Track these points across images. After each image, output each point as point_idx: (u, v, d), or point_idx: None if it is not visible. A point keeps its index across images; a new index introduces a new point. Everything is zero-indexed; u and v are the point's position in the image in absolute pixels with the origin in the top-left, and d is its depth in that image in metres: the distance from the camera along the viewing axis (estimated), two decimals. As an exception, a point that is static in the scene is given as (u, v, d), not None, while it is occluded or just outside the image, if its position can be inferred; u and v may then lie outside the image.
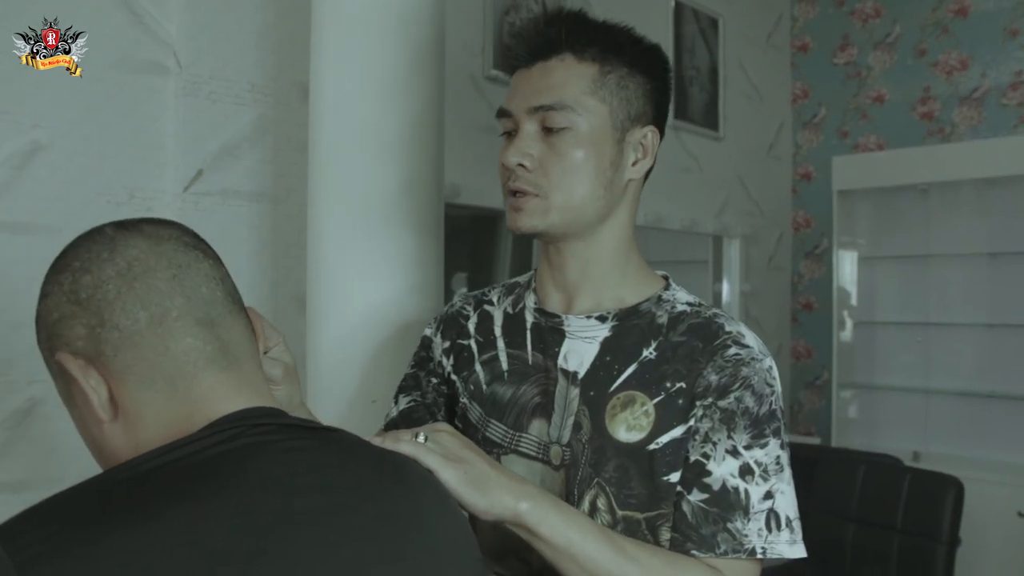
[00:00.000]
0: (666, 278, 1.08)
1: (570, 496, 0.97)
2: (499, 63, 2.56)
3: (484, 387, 1.07)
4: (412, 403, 1.15)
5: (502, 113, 1.02)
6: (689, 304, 1.03)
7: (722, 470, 0.92)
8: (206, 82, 1.84)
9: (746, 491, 0.91)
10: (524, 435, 1.02)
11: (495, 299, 1.14)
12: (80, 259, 0.69)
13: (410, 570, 0.67)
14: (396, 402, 1.17)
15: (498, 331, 1.09)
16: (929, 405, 3.66)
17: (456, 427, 1.10)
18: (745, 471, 0.92)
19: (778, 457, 0.94)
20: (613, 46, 0.99)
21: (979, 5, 3.59)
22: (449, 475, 0.82)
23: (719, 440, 0.93)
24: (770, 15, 4.04)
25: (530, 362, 1.04)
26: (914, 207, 3.72)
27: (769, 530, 0.91)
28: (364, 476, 0.70)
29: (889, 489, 2.51)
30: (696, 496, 0.92)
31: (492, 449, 1.03)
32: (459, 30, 2.42)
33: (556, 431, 1.00)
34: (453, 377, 1.12)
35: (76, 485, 0.61)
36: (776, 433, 0.94)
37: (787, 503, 0.93)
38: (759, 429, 0.94)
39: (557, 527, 0.85)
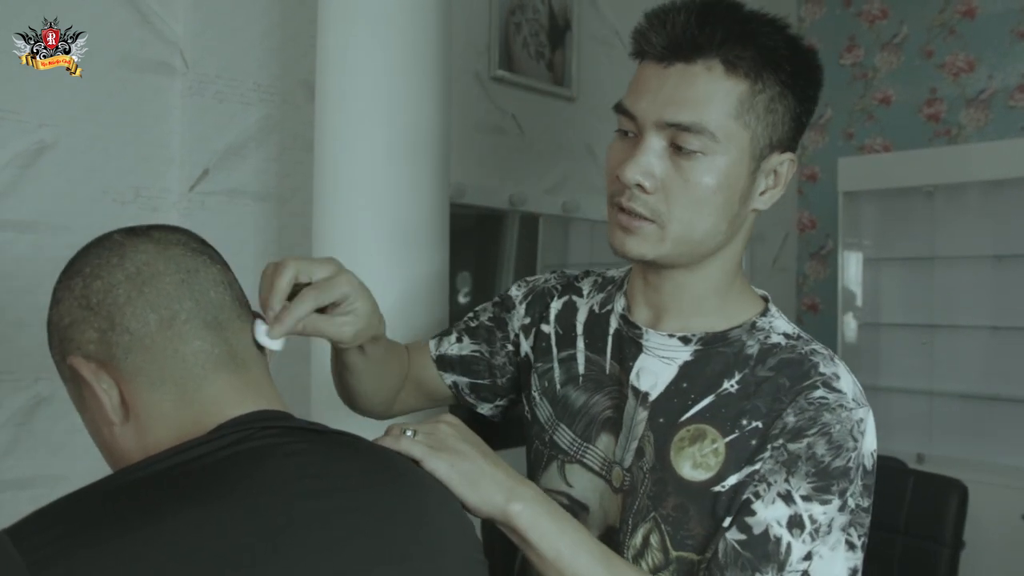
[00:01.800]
0: (766, 300, 0.97)
1: (624, 525, 0.91)
2: (504, 63, 2.56)
3: (558, 387, 1.00)
4: (477, 353, 1.09)
5: (623, 111, 0.88)
6: (786, 336, 0.91)
7: (768, 514, 0.82)
8: (212, 81, 1.85)
9: (788, 545, 0.80)
10: (591, 447, 0.95)
11: (585, 291, 1.05)
12: (90, 265, 0.70)
13: (416, 570, 0.68)
14: (460, 340, 1.09)
15: (580, 328, 1.01)
16: (933, 407, 3.65)
17: (525, 417, 1.05)
18: (794, 523, 0.81)
19: (832, 520, 0.82)
20: (771, 59, 0.84)
21: (986, 7, 3.58)
22: (436, 466, 0.78)
23: (774, 481, 0.83)
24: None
25: (607, 371, 0.97)
26: (920, 209, 3.71)
27: None
28: (370, 478, 0.70)
29: (892, 492, 2.50)
30: (734, 535, 0.83)
31: (558, 454, 0.98)
32: (464, 30, 2.42)
33: (620, 452, 0.92)
34: (531, 362, 1.05)
35: (85, 487, 0.62)
36: (842, 494, 0.82)
37: (823, 570, 0.81)
38: (825, 483, 0.82)
39: (547, 535, 0.79)
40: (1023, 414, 3.39)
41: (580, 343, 1.00)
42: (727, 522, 0.84)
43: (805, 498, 0.82)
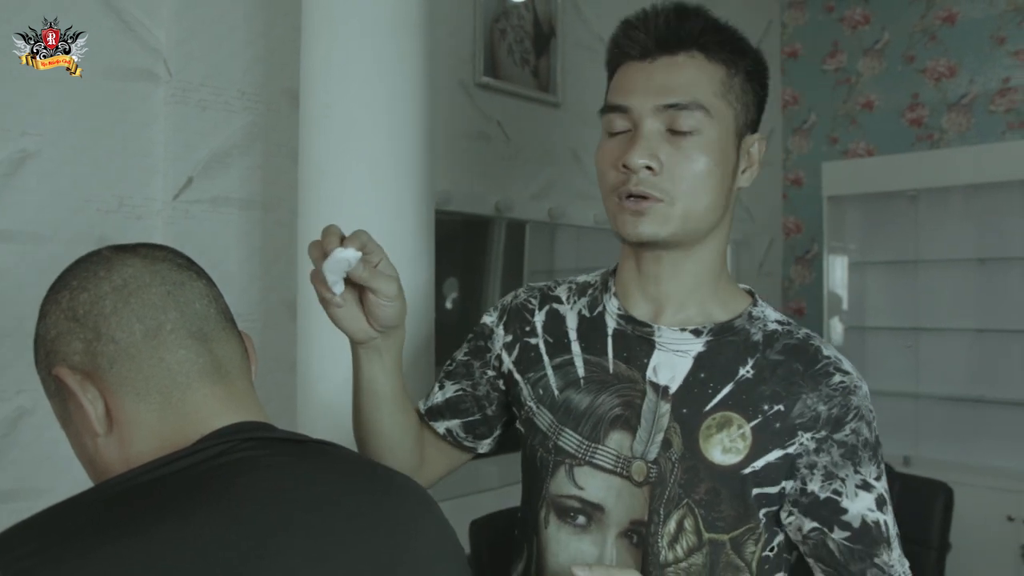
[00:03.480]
0: (751, 293, 1.04)
1: (655, 515, 0.94)
2: (489, 70, 2.57)
3: (556, 393, 1.01)
4: (460, 392, 1.10)
5: (614, 108, 0.95)
6: (780, 323, 1.00)
7: (858, 506, 0.92)
8: (196, 89, 1.84)
9: (885, 523, 0.92)
10: (601, 447, 0.97)
11: (564, 297, 1.08)
12: (77, 278, 0.71)
13: None
14: (442, 387, 1.12)
15: (573, 334, 1.03)
16: (919, 410, 3.67)
17: (519, 431, 1.06)
18: (881, 502, 0.92)
19: (887, 480, 0.95)
20: (739, 49, 0.95)
21: (967, 12, 3.62)
22: None
23: (847, 476, 0.92)
24: (760, 21, 4.06)
25: (611, 371, 0.99)
26: (904, 213, 3.74)
27: (903, 556, 0.93)
28: (354, 488, 0.70)
29: (880, 494, 2.51)
30: (839, 534, 0.92)
31: (564, 459, 0.99)
32: (449, 37, 2.43)
33: (641, 446, 0.95)
34: (516, 377, 1.06)
35: (68, 499, 0.62)
36: (883, 458, 0.96)
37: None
38: (878, 454, 0.94)
39: None
40: (1008, 416, 3.42)
41: (576, 348, 1.02)
42: (822, 527, 0.92)
43: (877, 478, 0.93)
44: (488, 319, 1.12)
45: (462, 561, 0.76)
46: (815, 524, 0.92)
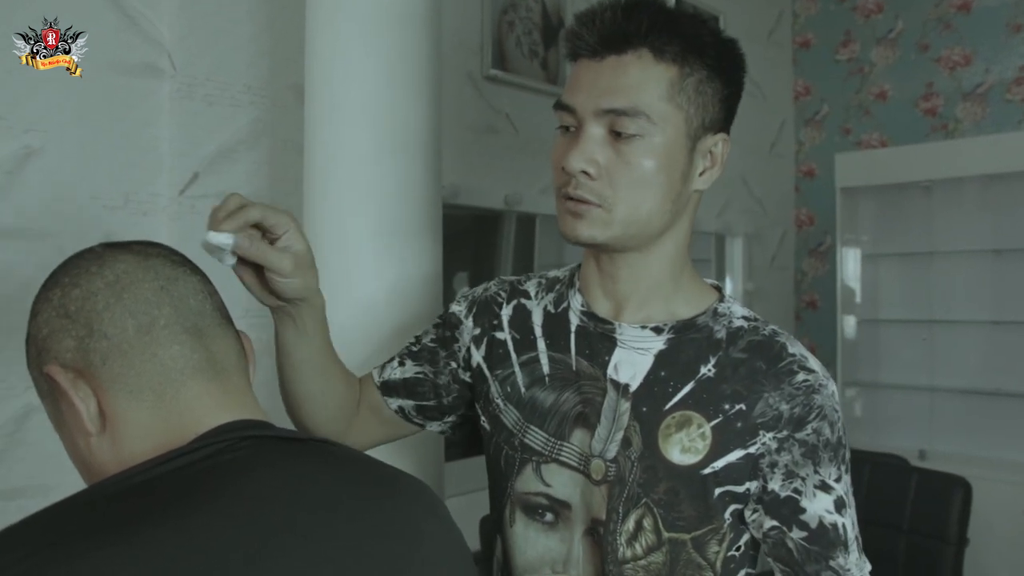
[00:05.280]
0: (718, 288, 1.02)
1: (613, 513, 0.93)
2: (497, 62, 2.55)
3: (523, 390, 1.01)
4: (421, 375, 1.09)
5: (562, 107, 0.93)
6: (746, 319, 0.97)
7: (816, 506, 0.90)
8: (201, 84, 1.83)
9: (843, 525, 0.90)
10: (566, 444, 0.96)
11: (532, 292, 1.07)
12: (69, 275, 0.70)
13: None
14: (402, 364, 1.10)
15: (538, 331, 1.02)
16: (934, 403, 3.64)
17: (483, 428, 1.05)
18: (840, 505, 0.90)
19: (850, 481, 0.93)
20: (695, 45, 0.90)
21: (982, 0, 3.57)
22: None
23: (807, 476, 0.90)
24: (771, 11, 4.02)
25: (574, 368, 0.98)
26: (918, 204, 3.70)
27: (862, 558, 0.91)
28: (356, 490, 0.69)
29: (896, 489, 2.49)
30: (797, 534, 0.90)
31: (532, 456, 0.98)
32: (457, 29, 2.41)
33: (600, 444, 0.94)
34: (486, 373, 1.05)
35: (64, 499, 0.60)
36: (846, 459, 0.93)
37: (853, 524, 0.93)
38: (839, 455, 0.92)
39: None
40: (1024, 409, 3.38)
41: (541, 344, 1.02)
42: (782, 526, 0.91)
43: (837, 480, 0.91)
44: (457, 308, 1.11)
45: (469, 563, 0.74)
46: (775, 523, 0.91)
